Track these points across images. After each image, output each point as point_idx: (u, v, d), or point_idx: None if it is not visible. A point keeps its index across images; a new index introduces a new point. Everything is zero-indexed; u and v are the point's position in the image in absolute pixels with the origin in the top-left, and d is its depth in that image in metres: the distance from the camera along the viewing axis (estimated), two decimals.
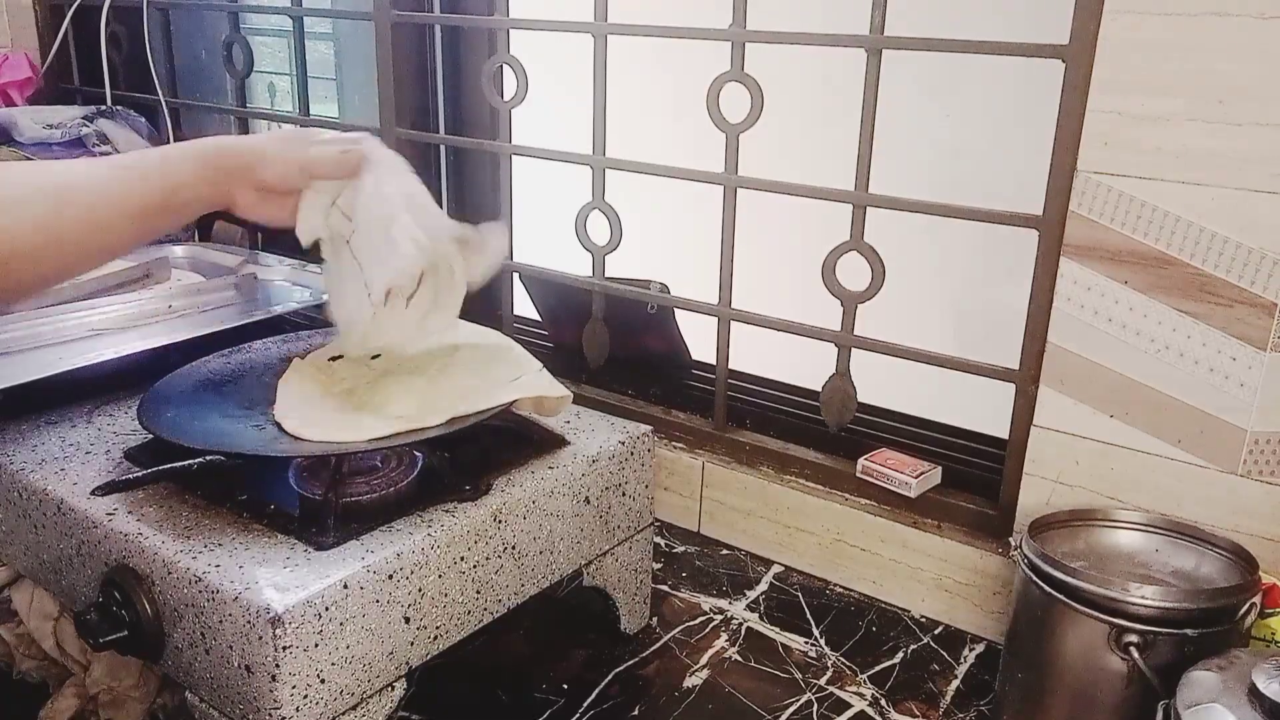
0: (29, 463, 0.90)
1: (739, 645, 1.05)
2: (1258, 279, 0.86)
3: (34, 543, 0.90)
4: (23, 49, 1.89)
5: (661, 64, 1.45)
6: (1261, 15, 0.82)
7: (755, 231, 1.23)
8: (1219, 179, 0.86)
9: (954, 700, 0.98)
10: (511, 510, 0.86)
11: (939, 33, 1.02)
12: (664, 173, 1.23)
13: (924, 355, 1.09)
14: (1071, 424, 0.98)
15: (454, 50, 1.52)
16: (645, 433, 1.00)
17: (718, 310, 1.23)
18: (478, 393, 0.89)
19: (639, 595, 1.05)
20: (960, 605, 1.09)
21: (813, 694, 0.98)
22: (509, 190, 1.41)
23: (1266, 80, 0.83)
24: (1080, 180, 0.93)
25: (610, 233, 1.30)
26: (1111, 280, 0.93)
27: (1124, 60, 0.88)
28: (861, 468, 1.16)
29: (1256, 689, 0.68)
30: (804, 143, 1.40)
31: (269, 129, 1.88)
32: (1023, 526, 1.00)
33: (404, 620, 0.78)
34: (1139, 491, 0.96)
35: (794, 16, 1.15)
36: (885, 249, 1.09)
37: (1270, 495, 0.90)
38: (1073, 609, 0.82)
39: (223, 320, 1.15)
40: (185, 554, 0.76)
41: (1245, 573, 0.86)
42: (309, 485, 0.86)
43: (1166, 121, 0.87)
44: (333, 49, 1.76)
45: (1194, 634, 0.79)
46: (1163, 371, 0.92)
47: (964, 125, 1.49)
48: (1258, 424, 0.89)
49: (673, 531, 1.27)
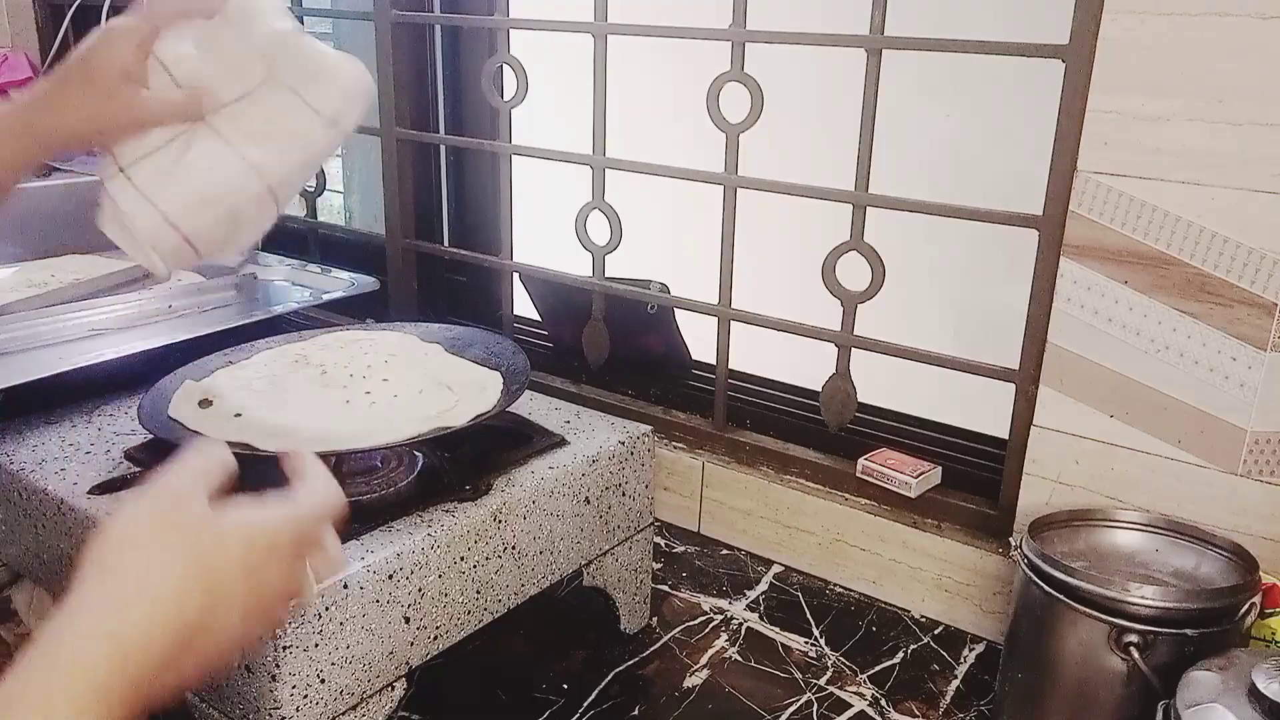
0: (29, 463, 0.90)
1: (739, 645, 1.05)
2: (1258, 279, 0.86)
3: (34, 543, 0.90)
4: (23, 49, 1.89)
5: (661, 64, 1.45)
6: (1261, 15, 0.82)
7: (755, 231, 1.23)
8: (1219, 179, 0.86)
9: (954, 700, 0.98)
10: (511, 510, 0.86)
11: (939, 33, 1.02)
12: (664, 173, 1.23)
13: (924, 355, 1.09)
14: (1071, 424, 0.98)
15: (454, 50, 1.52)
16: (645, 433, 1.00)
17: (718, 310, 1.23)
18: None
19: (639, 595, 1.05)
20: (960, 605, 1.09)
21: (813, 694, 0.98)
22: (509, 190, 1.41)
23: (1266, 80, 0.83)
24: (1080, 180, 0.93)
25: (610, 233, 1.30)
26: (1111, 280, 0.93)
27: (1124, 60, 0.88)
28: (861, 468, 1.16)
29: (1256, 689, 0.68)
30: (804, 143, 1.40)
31: None
32: (1023, 526, 1.00)
33: (404, 620, 0.78)
34: (1139, 491, 0.96)
35: (794, 16, 1.15)
36: (885, 249, 1.09)
37: (1270, 495, 0.90)
38: (1073, 609, 0.82)
39: (223, 320, 1.16)
40: None
41: (1245, 573, 0.86)
42: None
43: (1166, 121, 0.87)
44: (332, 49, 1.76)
45: (1194, 634, 0.79)
46: (1163, 371, 0.92)
47: (964, 125, 1.48)
48: (1258, 424, 0.89)
49: (673, 531, 1.27)
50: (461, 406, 0.88)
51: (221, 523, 0.52)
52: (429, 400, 0.90)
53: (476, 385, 0.94)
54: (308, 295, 1.29)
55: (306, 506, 0.56)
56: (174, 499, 0.52)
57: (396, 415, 0.87)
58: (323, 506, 0.57)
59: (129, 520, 0.51)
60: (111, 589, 0.48)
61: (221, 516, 0.52)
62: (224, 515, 0.52)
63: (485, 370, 0.97)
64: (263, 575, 0.52)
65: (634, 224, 1.30)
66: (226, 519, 0.52)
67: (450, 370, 0.97)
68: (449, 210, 1.59)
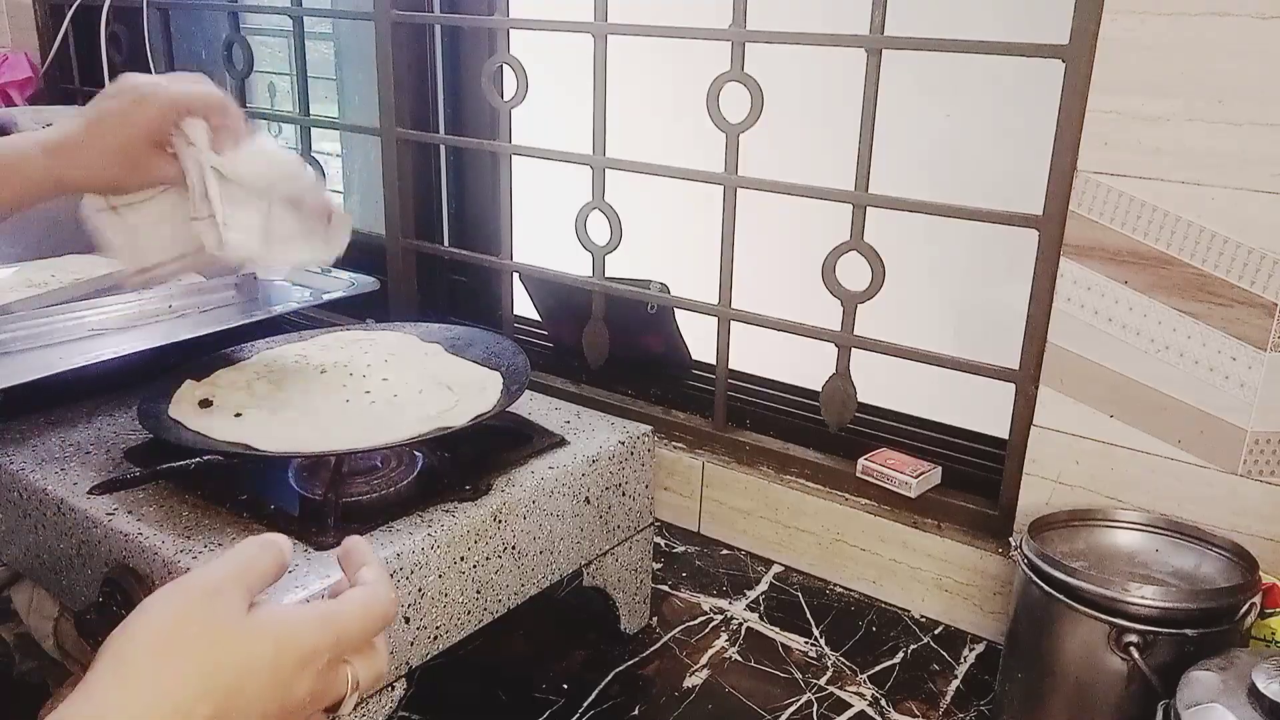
0: (29, 463, 0.90)
1: (739, 645, 1.05)
2: (1258, 279, 0.86)
3: (34, 543, 0.90)
4: (23, 49, 1.89)
5: (661, 64, 1.45)
6: (1261, 15, 0.82)
7: (755, 231, 1.23)
8: (1219, 179, 0.86)
9: (954, 700, 0.98)
10: (511, 510, 0.86)
11: (939, 33, 1.02)
12: (664, 173, 1.23)
13: (924, 355, 1.09)
14: (1071, 424, 0.98)
15: (454, 50, 1.52)
16: (645, 433, 1.00)
17: (718, 310, 1.23)
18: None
19: (639, 595, 1.05)
20: (960, 605, 1.09)
21: (813, 694, 0.98)
22: (509, 190, 1.41)
23: (1266, 80, 0.83)
24: (1080, 180, 0.93)
25: (610, 233, 1.30)
26: (1111, 280, 0.93)
27: (1124, 60, 0.88)
28: (861, 468, 1.16)
29: (1256, 689, 0.68)
30: (804, 143, 1.40)
31: (269, 130, 1.88)
32: (1023, 526, 1.00)
33: (404, 620, 0.78)
34: (1139, 491, 0.96)
35: (794, 16, 1.15)
36: (885, 249, 1.09)
37: (1270, 495, 0.90)
38: (1073, 609, 0.82)
39: (222, 320, 1.15)
40: (185, 554, 0.76)
41: (1245, 573, 0.86)
42: (309, 485, 0.86)
43: (1166, 121, 0.87)
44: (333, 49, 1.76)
45: (1194, 634, 0.79)
46: (1163, 371, 0.92)
47: (964, 125, 1.48)
48: (1258, 424, 0.89)
49: (673, 531, 1.27)
50: (462, 406, 0.88)
51: (251, 626, 0.49)
52: (429, 400, 0.90)
53: (476, 385, 0.94)
54: (308, 295, 1.29)
55: (356, 612, 0.52)
56: (206, 596, 0.49)
57: (396, 415, 0.87)
58: (374, 614, 0.53)
59: (155, 615, 0.49)
60: (128, 693, 0.46)
61: (253, 618, 0.49)
62: (256, 617, 0.49)
63: (485, 370, 0.97)
64: (293, 684, 0.49)
65: (634, 224, 1.30)
66: (258, 621, 0.49)
67: (450, 370, 0.97)
68: (449, 210, 1.59)
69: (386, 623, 0.54)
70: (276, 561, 0.53)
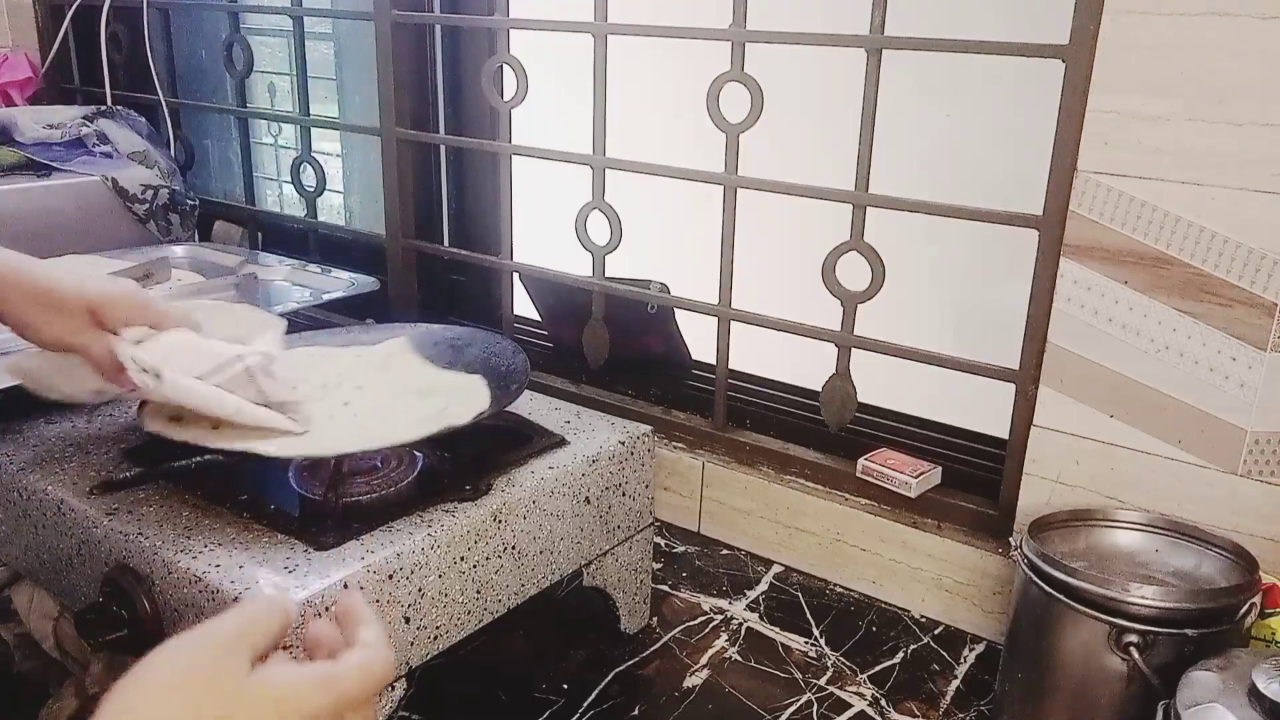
0: (29, 463, 0.90)
1: (739, 645, 1.05)
2: (1258, 279, 0.86)
3: (34, 543, 0.90)
4: (23, 49, 1.89)
5: (661, 64, 1.45)
6: (1261, 15, 0.82)
7: (755, 231, 1.23)
8: (1219, 179, 0.86)
9: (954, 700, 0.98)
10: (511, 510, 0.86)
11: (939, 33, 1.02)
12: (664, 173, 1.23)
13: (924, 355, 1.09)
14: (1071, 424, 0.98)
15: (454, 50, 1.52)
16: (645, 433, 1.00)
17: (718, 310, 1.23)
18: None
19: (639, 595, 1.05)
20: (960, 605, 1.09)
21: (813, 694, 0.98)
22: (509, 190, 1.41)
23: (1266, 80, 0.83)
24: (1080, 180, 0.93)
25: (610, 233, 1.30)
26: (1111, 280, 0.93)
27: (1124, 60, 0.88)
28: (861, 468, 1.16)
29: (1256, 689, 0.68)
30: (804, 143, 1.39)
31: (269, 129, 1.88)
32: (1023, 526, 1.00)
33: (404, 620, 0.78)
34: (1139, 491, 0.96)
35: (794, 16, 1.15)
36: (885, 249, 1.09)
37: (1270, 495, 0.90)
38: (1073, 609, 0.82)
39: None
40: (185, 554, 0.76)
41: (1245, 573, 0.86)
42: (309, 485, 0.86)
43: (1166, 121, 0.87)
44: (333, 49, 1.75)
45: (1194, 634, 0.79)
46: (1163, 371, 0.92)
47: (964, 125, 1.48)
48: (1258, 424, 0.89)
49: (673, 531, 1.27)
50: (454, 408, 0.87)
51: (254, 685, 0.49)
52: (415, 404, 0.89)
53: (457, 388, 0.92)
54: (308, 295, 1.29)
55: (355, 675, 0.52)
56: (212, 655, 0.50)
57: (386, 420, 0.86)
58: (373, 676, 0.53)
59: (162, 668, 0.49)
60: None
61: (256, 679, 0.50)
62: (260, 676, 0.50)
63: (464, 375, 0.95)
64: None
65: (634, 224, 1.30)
66: (261, 682, 0.49)
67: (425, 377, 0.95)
68: (449, 210, 1.59)
69: (385, 684, 0.54)
70: (281, 622, 0.54)
